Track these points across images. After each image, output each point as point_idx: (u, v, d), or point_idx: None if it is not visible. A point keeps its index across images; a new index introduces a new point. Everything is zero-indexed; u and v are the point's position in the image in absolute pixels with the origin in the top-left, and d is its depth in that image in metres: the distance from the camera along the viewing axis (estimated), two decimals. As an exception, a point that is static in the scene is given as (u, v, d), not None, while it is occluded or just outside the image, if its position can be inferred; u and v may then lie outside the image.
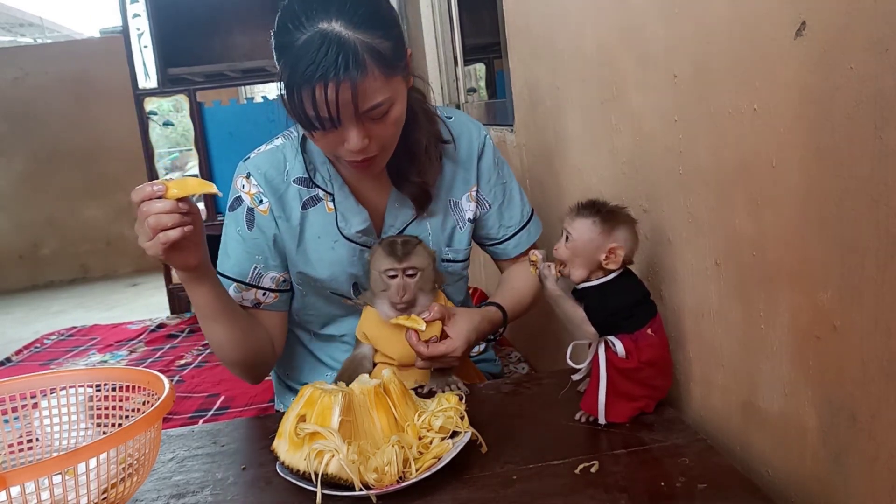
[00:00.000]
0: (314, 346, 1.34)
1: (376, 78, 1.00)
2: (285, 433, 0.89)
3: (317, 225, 1.22)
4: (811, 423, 0.79)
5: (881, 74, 0.62)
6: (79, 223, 5.31)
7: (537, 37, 1.62)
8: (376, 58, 1.00)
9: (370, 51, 0.99)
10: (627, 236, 0.98)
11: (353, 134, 1.03)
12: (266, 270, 1.21)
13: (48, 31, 8.77)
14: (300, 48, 0.98)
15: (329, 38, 0.97)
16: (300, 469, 0.85)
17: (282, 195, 1.21)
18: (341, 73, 0.96)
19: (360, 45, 0.98)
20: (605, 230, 0.97)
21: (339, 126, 1.02)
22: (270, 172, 1.21)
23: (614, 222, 0.97)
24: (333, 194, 1.21)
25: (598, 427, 0.97)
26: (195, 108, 3.44)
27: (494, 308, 1.24)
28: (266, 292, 1.22)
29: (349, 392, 0.90)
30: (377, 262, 1.14)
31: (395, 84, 1.05)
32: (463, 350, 1.12)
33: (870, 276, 0.66)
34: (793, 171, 0.76)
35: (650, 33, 1.04)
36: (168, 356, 2.87)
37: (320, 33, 0.97)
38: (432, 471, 0.85)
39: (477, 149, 1.29)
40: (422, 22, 3.30)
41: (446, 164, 1.26)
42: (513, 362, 1.97)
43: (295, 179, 1.21)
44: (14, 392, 0.89)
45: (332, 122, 1.00)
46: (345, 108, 0.99)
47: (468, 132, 1.29)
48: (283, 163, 1.22)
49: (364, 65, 0.98)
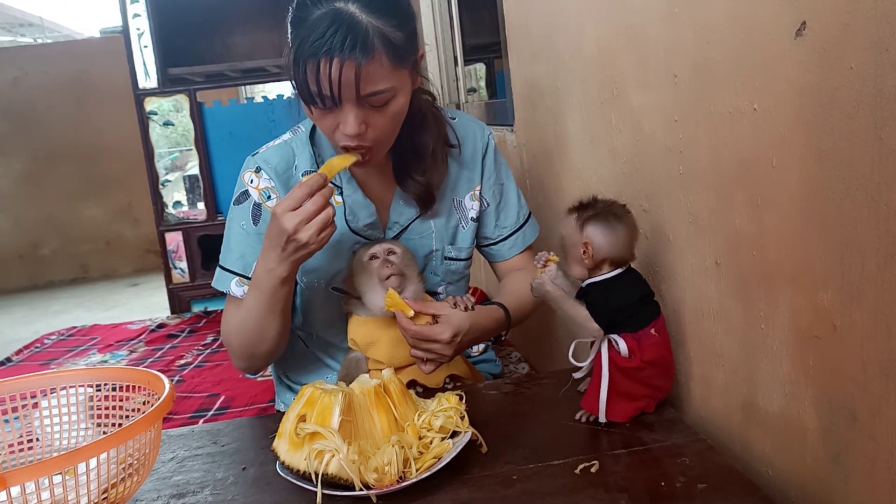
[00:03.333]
0: (315, 347, 1.34)
1: (382, 65, 1.01)
2: (285, 433, 0.89)
3: None
4: (811, 423, 0.79)
5: (881, 74, 0.62)
6: (79, 223, 5.31)
7: (537, 37, 1.62)
8: (386, 44, 1.00)
9: (381, 36, 1.00)
10: (602, 232, 0.95)
11: (350, 117, 1.03)
12: None
13: (48, 31, 8.76)
14: (313, 22, 0.99)
15: (342, 15, 0.98)
16: (300, 469, 0.85)
17: (291, 188, 1.21)
18: (347, 52, 0.97)
19: (371, 28, 0.99)
20: (579, 226, 0.97)
21: (338, 105, 1.02)
22: (280, 166, 1.22)
23: (587, 218, 0.96)
24: (342, 188, 1.22)
25: (598, 427, 0.97)
26: (195, 107, 3.44)
27: (496, 306, 1.24)
28: None
29: (349, 392, 0.90)
30: (358, 258, 1.18)
31: (400, 76, 1.05)
32: (449, 336, 1.09)
33: (870, 276, 0.66)
34: (793, 171, 0.76)
35: (650, 33, 1.04)
36: (168, 356, 2.87)
37: (335, 10, 0.99)
38: (432, 471, 0.85)
39: (481, 149, 1.30)
40: (422, 22, 3.30)
41: (451, 165, 1.27)
42: (513, 362, 1.97)
43: (304, 173, 1.22)
44: (14, 392, 0.89)
45: (333, 100, 1.01)
46: (346, 87, 1.00)
47: (472, 133, 1.30)
48: (291, 156, 1.23)
49: (372, 48, 0.99)
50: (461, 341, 1.12)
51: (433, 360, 1.12)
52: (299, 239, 1.02)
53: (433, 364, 1.12)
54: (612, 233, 0.96)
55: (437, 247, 1.27)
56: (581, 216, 0.97)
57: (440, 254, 1.28)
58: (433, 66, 3.31)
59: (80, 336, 3.39)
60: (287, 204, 1.03)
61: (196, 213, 3.56)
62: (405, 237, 1.26)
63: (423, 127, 1.19)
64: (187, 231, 3.53)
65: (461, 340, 1.12)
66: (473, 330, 1.14)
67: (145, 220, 4.80)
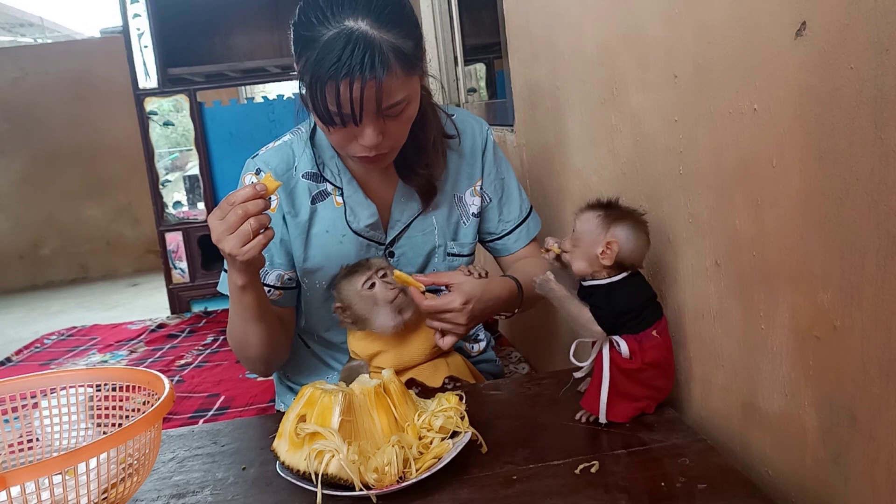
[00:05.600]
0: (316, 347, 1.34)
1: (398, 77, 1.01)
2: (285, 433, 0.89)
3: (326, 219, 1.22)
4: (811, 424, 0.79)
5: (882, 75, 0.62)
6: (79, 223, 5.31)
7: (537, 37, 1.62)
8: (399, 57, 1.01)
9: (394, 50, 1.00)
10: (629, 235, 0.97)
11: (369, 131, 1.04)
12: (271, 268, 1.22)
13: (48, 31, 8.76)
14: (326, 44, 0.98)
15: (356, 36, 0.97)
16: (300, 469, 0.85)
17: (291, 190, 1.22)
18: (367, 72, 0.97)
19: (385, 44, 0.99)
20: (605, 224, 0.97)
21: (359, 124, 1.03)
22: (280, 167, 1.22)
23: (615, 218, 0.97)
24: (342, 188, 1.22)
25: (598, 427, 0.97)
26: (195, 108, 3.44)
27: (508, 278, 1.22)
28: (271, 289, 1.22)
29: (349, 392, 0.90)
30: (349, 287, 1.15)
31: (413, 83, 1.06)
32: (461, 303, 1.08)
33: (870, 276, 0.66)
34: (793, 172, 0.76)
35: (650, 33, 1.04)
36: (168, 356, 2.87)
37: (347, 31, 0.98)
38: (432, 471, 0.85)
39: (480, 144, 1.31)
40: (422, 22, 3.30)
41: (451, 160, 1.27)
42: (513, 362, 1.97)
43: (304, 174, 1.22)
44: (14, 392, 0.89)
45: (354, 118, 1.01)
46: (368, 105, 1.00)
47: (471, 128, 1.31)
48: (291, 158, 1.23)
49: (389, 64, 0.99)
50: (474, 309, 1.10)
51: (450, 330, 1.11)
52: (223, 249, 0.99)
53: (452, 337, 1.12)
54: (636, 237, 0.97)
55: (439, 242, 1.28)
56: (608, 215, 0.97)
57: (443, 250, 1.28)
58: (433, 67, 3.31)
59: (80, 336, 3.39)
60: (215, 213, 0.99)
61: (196, 214, 3.56)
62: (407, 234, 1.26)
63: (424, 119, 1.19)
64: (187, 231, 3.53)
65: (474, 308, 1.10)
66: (486, 297, 1.13)
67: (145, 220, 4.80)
